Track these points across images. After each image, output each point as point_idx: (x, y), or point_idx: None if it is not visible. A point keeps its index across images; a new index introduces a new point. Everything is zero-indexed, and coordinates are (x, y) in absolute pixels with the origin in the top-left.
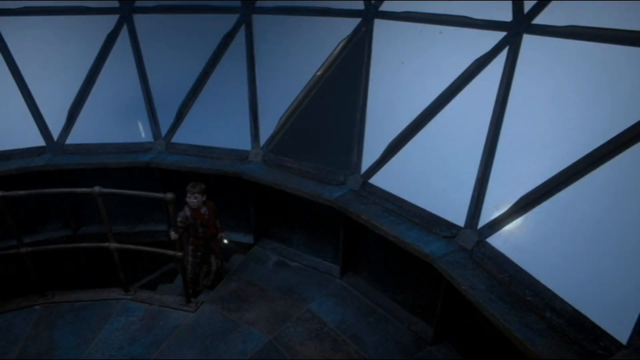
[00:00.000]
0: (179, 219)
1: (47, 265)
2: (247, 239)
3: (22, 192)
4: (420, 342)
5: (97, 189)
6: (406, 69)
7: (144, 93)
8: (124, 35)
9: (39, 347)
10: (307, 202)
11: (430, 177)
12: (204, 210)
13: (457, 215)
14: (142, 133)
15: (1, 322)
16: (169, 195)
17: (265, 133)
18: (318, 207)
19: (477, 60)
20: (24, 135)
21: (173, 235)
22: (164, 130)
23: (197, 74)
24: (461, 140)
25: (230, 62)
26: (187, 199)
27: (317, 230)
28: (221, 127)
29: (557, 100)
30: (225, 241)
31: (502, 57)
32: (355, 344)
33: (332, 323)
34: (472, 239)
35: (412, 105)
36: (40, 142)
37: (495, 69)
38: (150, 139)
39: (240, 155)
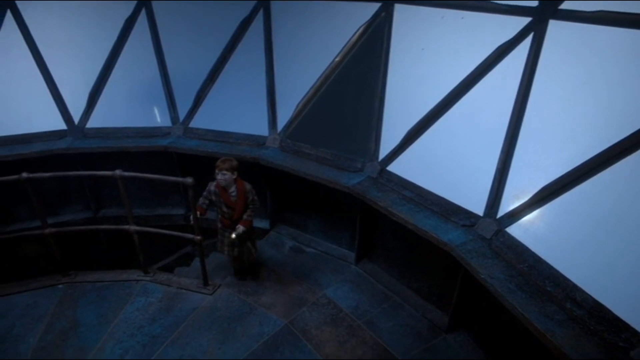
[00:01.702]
0: (204, 193)
1: (69, 246)
2: (264, 224)
3: (46, 175)
4: (435, 330)
5: (118, 172)
6: (426, 56)
7: (162, 77)
8: (142, 20)
9: (64, 324)
10: (324, 188)
11: (449, 165)
12: (232, 190)
13: (476, 204)
14: (161, 118)
15: (28, 300)
16: (189, 180)
17: (282, 119)
18: (334, 194)
19: (500, 47)
20: (46, 118)
21: (193, 217)
22: (181, 115)
23: (215, 59)
24: (481, 128)
25: (248, 47)
26: (216, 176)
27: (333, 217)
28: (238, 113)
29: (583, 90)
30: (233, 235)
31: (526, 43)
32: (371, 329)
33: (348, 309)
34: (492, 228)
35: (431, 92)
36: (61, 125)
37: (518, 56)
38: (169, 124)
39: (257, 141)
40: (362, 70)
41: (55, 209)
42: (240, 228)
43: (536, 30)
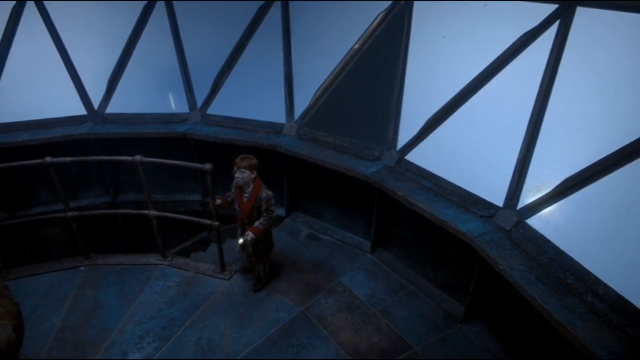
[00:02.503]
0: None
1: (89, 230)
2: (279, 211)
3: (68, 159)
4: (450, 320)
5: (138, 157)
6: (447, 43)
7: (180, 64)
8: (160, 6)
9: (86, 305)
10: (340, 176)
11: (468, 155)
12: (248, 190)
13: (495, 195)
14: (178, 104)
15: (52, 281)
16: (208, 166)
17: (300, 106)
18: (351, 182)
19: (525, 34)
20: (66, 104)
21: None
22: (199, 101)
23: (232, 46)
24: (503, 118)
25: (266, 34)
26: (234, 174)
27: (349, 205)
28: (256, 100)
29: (610, 81)
30: (240, 241)
31: (551, 31)
32: (386, 317)
33: (363, 297)
34: (511, 219)
35: (452, 81)
36: (82, 111)
37: (543, 44)
38: (186, 110)
39: (275, 128)
40: (381, 58)
41: (76, 193)
42: (249, 235)
43: (563, 17)
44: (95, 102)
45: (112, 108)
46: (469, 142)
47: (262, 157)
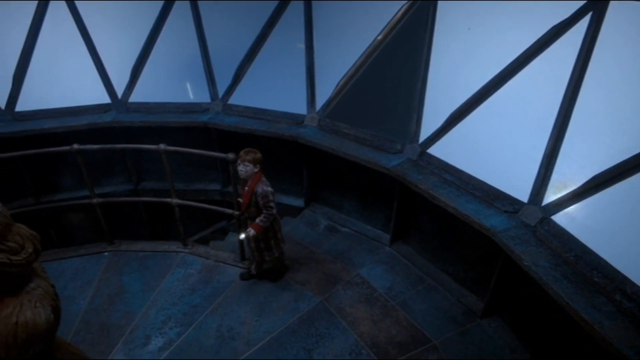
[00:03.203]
0: None
1: (111, 216)
2: (298, 202)
3: (95, 146)
4: (470, 315)
5: (162, 146)
6: (473, 36)
7: (202, 54)
8: None
9: (111, 290)
10: (361, 168)
11: (493, 150)
12: (249, 184)
13: (520, 191)
14: (200, 94)
15: (78, 265)
16: (231, 156)
17: (321, 98)
18: (371, 175)
19: (555, 27)
20: (91, 92)
21: (234, 192)
22: (221, 91)
23: (254, 36)
24: (529, 113)
25: (288, 25)
26: (237, 166)
27: (369, 197)
28: (277, 90)
29: None
30: (242, 236)
31: (583, 24)
32: (404, 310)
33: (382, 289)
34: (536, 215)
35: (477, 74)
36: (106, 99)
37: (574, 37)
38: (208, 100)
39: (296, 119)
40: (404, 50)
41: (99, 180)
42: (251, 232)
43: (595, 9)
44: (119, 91)
45: (135, 97)
46: (493, 137)
47: (282, 148)
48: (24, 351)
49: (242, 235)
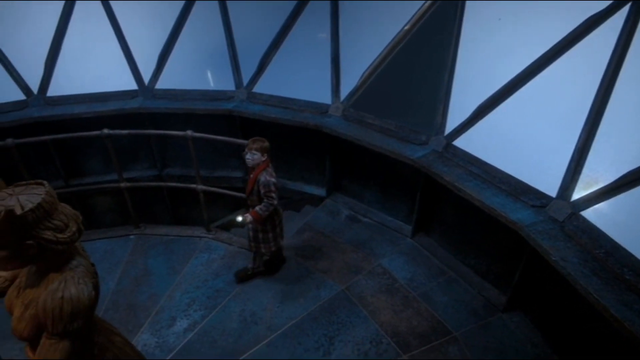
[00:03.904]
0: None
1: (136, 201)
2: (320, 191)
3: (124, 132)
4: (491, 308)
5: (189, 132)
6: (503, 26)
7: (227, 42)
8: None
9: (137, 272)
10: (384, 159)
11: (520, 143)
12: (254, 172)
13: (548, 185)
14: (225, 81)
15: (106, 247)
16: None
17: (346, 87)
18: (394, 166)
19: (590, 18)
20: (119, 79)
21: None
22: (245, 79)
23: (280, 25)
24: (561, 106)
25: (314, 14)
26: (244, 155)
27: (391, 188)
28: (302, 79)
29: None
30: (239, 218)
31: (621, 15)
32: (426, 302)
33: (403, 280)
34: (565, 210)
35: (507, 66)
36: (133, 85)
37: (611, 29)
38: (232, 88)
39: (320, 109)
40: (432, 40)
41: (125, 165)
42: (248, 217)
43: (634, 0)
44: (146, 78)
45: (161, 84)
46: (522, 130)
47: (305, 137)
48: (68, 325)
49: (240, 218)
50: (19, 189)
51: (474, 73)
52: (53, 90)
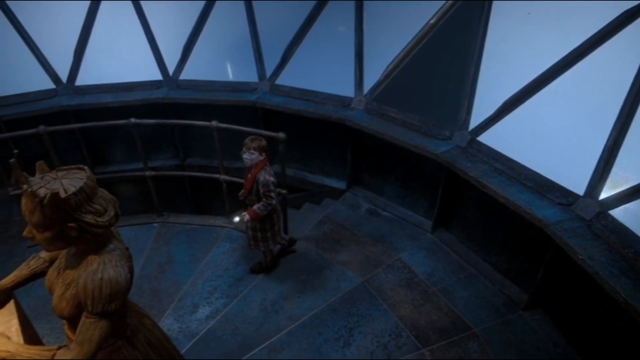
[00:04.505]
0: None
1: (159, 189)
2: (340, 184)
3: (151, 121)
4: (511, 306)
5: (214, 123)
6: (533, 20)
7: (251, 34)
8: None
9: (160, 259)
10: (406, 153)
11: (547, 140)
12: (252, 172)
13: (576, 183)
14: (248, 73)
15: (130, 233)
16: (282, 135)
17: (369, 81)
18: (416, 160)
19: (624, 13)
20: (144, 69)
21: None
22: (268, 71)
23: (304, 17)
24: (590, 103)
25: (338, 7)
26: (242, 154)
27: (412, 183)
28: (324, 72)
29: None
30: (236, 219)
31: None
32: (445, 297)
33: (422, 274)
34: (593, 209)
35: (536, 61)
36: (157, 76)
37: None
38: (255, 80)
39: (342, 102)
40: (457, 35)
41: (148, 154)
42: (245, 216)
43: None
44: (170, 69)
45: (185, 75)
46: (548, 127)
47: (327, 129)
48: (107, 306)
49: (237, 219)
50: (61, 173)
51: (501, 68)
52: (81, 80)
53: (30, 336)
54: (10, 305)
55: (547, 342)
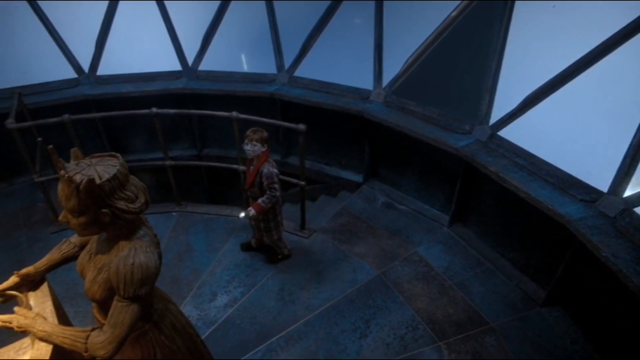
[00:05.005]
0: None
1: (177, 179)
2: (357, 177)
3: (171, 111)
4: (529, 302)
5: (234, 114)
6: (558, 13)
7: (270, 25)
8: None
9: (179, 247)
10: (423, 147)
11: (570, 136)
12: (255, 164)
13: (599, 180)
14: (266, 65)
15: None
16: (302, 127)
17: (388, 74)
18: (433, 154)
19: None
20: (164, 60)
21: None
22: (287, 63)
23: (323, 9)
24: (616, 99)
25: None
26: (244, 146)
27: (429, 177)
28: (343, 65)
29: None
30: (242, 215)
31: None
32: (462, 291)
33: (439, 268)
34: (617, 206)
35: (560, 55)
36: (177, 67)
37: None
38: (274, 71)
39: (361, 94)
40: (479, 28)
41: (167, 144)
42: (251, 212)
43: None
44: (190, 59)
45: (205, 65)
46: (572, 123)
47: (345, 122)
48: (138, 290)
49: (242, 214)
50: (95, 160)
51: (523, 63)
52: (102, 70)
53: (61, 317)
54: (44, 288)
55: (565, 339)
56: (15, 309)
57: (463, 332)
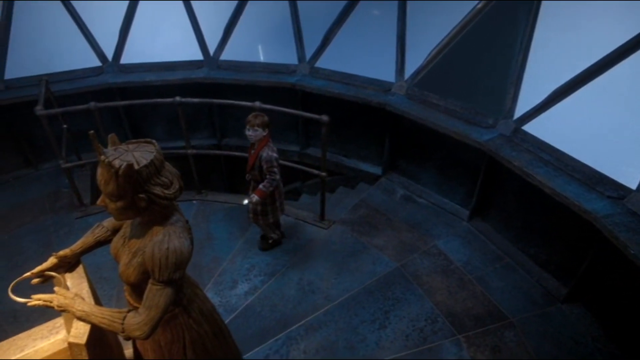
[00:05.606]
0: None
1: (197, 168)
2: (375, 170)
3: (195, 100)
4: (549, 298)
5: (257, 103)
6: (586, 7)
7: (292, 16)
8: None
9: (200, 235)
10: (444, 140)
11: (598, 132)
12: (256, 148)
13: (628, 177)
14: (287, 55)
15: None
16: (325, 118)
17: (411, 66)
18: (455, 148)
19: None
20: (186, 49)
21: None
22: (308, 54)
23: (345, 0)
24: None
25: None
26: (246, 131)
27: (449, 171)
28: (365, 56)
29: None
30: (245, 202)
31: None
32: (482, 285)
33: (458, 262)
34: None
35: (590, 49)
36: (199, 56)
37: None
38: (295, 62)
39: (383, 86)
40: (505, 20)
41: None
42: (254, 197)
43: None
44: (211, 49)
45: (226, 55)
46: (599, 118)
47: (366, 114)
48: (172, 274)
49: (245, 201)
50: (132, 146)
51: (552, 55)
52: (126, 58)
53: (96, 299)
54: (80, 270)
55: (586, 336)
56: (55, 289)
57: (482, 326)
